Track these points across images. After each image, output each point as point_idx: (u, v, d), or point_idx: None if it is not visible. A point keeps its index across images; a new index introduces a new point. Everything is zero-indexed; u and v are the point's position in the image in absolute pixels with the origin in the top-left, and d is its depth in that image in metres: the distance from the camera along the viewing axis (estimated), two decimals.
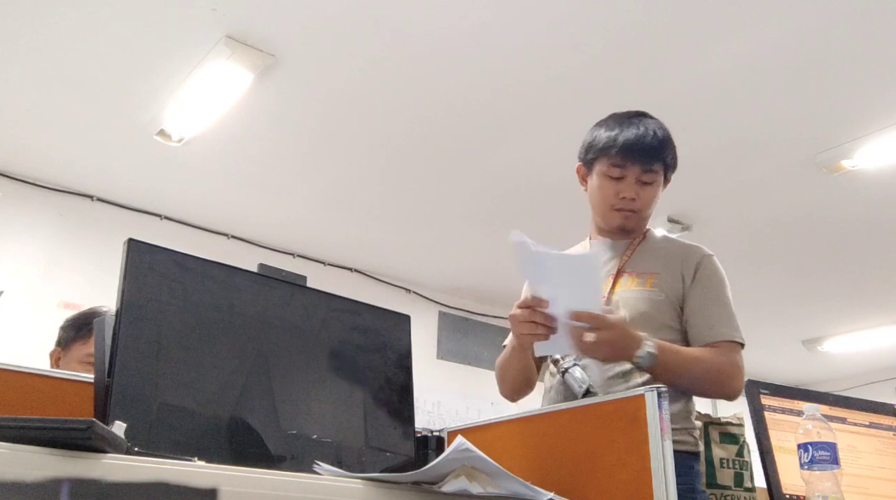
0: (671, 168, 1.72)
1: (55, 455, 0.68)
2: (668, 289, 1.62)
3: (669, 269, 1.65)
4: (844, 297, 5.39)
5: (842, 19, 2.80)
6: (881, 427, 1.78)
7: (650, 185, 1.66)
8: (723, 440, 1.61)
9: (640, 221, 1.71)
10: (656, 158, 1.65)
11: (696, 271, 1.64)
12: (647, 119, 1.70)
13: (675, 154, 1.71)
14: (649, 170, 1.65)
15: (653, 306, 1.60)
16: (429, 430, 1.54)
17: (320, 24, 2.89)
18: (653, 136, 1.64)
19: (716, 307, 1.62)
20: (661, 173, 1.68)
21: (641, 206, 1.67)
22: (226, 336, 1.09)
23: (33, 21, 2.89)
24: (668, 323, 1.60)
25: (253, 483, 0.78)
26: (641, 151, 1.63)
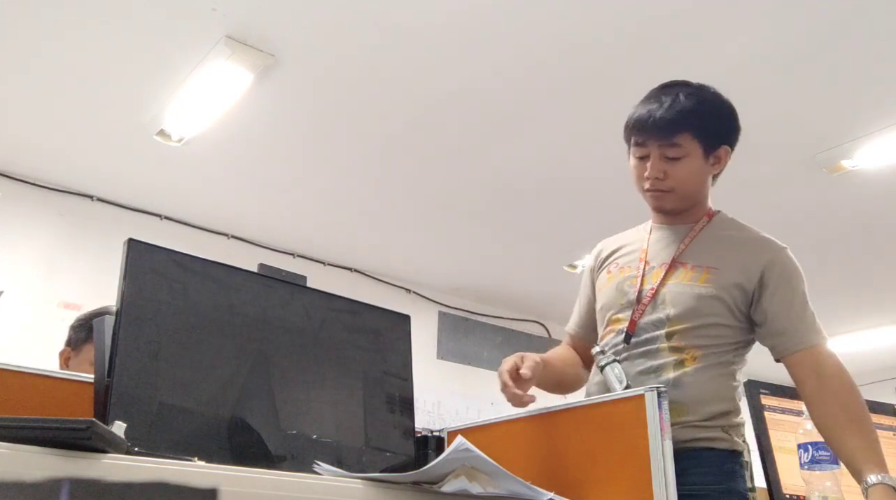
0: (713, 139, 1.55)
1: (55, 455, 0.68)
2: (725, 287, 1.50)
3: (732, 265, 1.52)
4: (844, 297, 5.38)
5: (842, 19, 2.80)
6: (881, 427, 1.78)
7: (679, 160, 1.52)
8: None
9: (678, 201, 1.57)
10: (674, 130, 1.50)
11: (767, 272, 1.50)
12: (676, 88, 1.56)
13: (717, 124, 1.56)
14: (671, 144, 1.51)
15: (702, 301, 1.49)
16: (429, 430, 1.54)
17: (320, 24, 2.89)
18: (669, 107, 1.51)
19: (797, 312, 1.49)
20: (693, 146, 1.52)
21: (674, 184, 1.54)
22: (226, 336, 1.09)
23: (33, 22, 2.89)
24: (716, 321, 1.50)
25: (253, 483, 0.78)
26: (654, 125, 1.51)
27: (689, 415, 1.44)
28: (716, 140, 1.56)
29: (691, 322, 1.49)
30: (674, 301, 1.51)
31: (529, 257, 4.88)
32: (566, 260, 4.90)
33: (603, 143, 3.63)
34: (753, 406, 1.62)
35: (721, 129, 1.58)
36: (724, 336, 1.51)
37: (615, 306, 1.59)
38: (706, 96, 1.57)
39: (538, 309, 5.95)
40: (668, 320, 1.51)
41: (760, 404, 1.68)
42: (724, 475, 1.44)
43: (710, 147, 1.56)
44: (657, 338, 1.51)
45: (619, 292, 1.59)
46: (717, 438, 1.45)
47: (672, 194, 1.56)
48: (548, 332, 6.11)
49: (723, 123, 1.59)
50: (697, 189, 1.58)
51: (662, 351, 1.50)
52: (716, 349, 1.50)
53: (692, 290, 1.51)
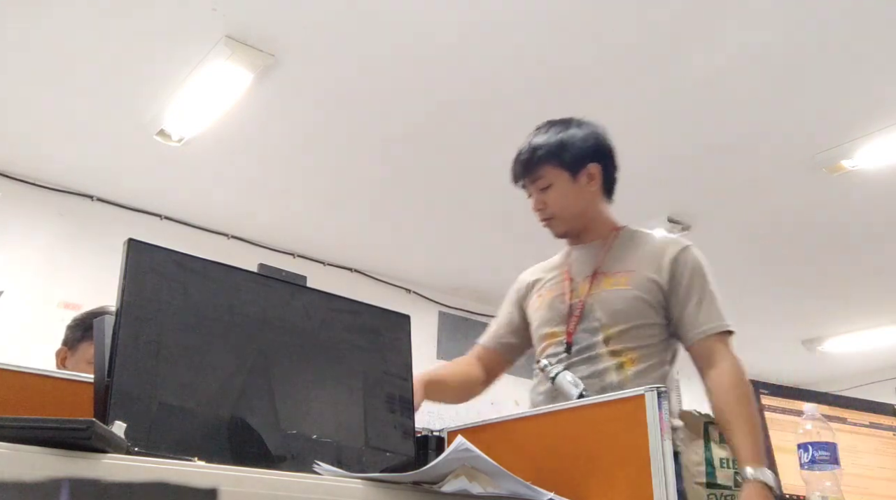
0: (574, 164, 1.72)
1: (55, 455, 0.68)
2: (642, 286, 1.65)
3: (645, 265, 1.68)
4: (844, 297, 5.38)
5: (842, 19, 2.80)
6: (881, 427, 1.78)
7: (549, 189, 1.73)
8: (723, 439, 1.60)
9: (565, 223, 1.76)
10: (535, 165, 1.72)
11: (674, 266, 1.66)
12: (537, 129, 1.78)
13: (571, 150, 1.72)
14: (537, 177, 1.73)
15: (626, 303, 1.64)
16: (429, 430, 1.53)
17: (320, 24, 2.89)
18: (527, 148, 1.74)
19: (697, 302, 1.63)
20: (557, 174, 1.72)
21: (553, 210, 1.74)
22: (226, 336, 1.09)
23: (33, 22, 2.89)
24: (643, 320, 1.64)
25: (253, 483, 0.78)
26: (519, 169, 1.75)
27: None
28: (578, 162, 1.73)
29: (622, 325, 1.63)
30: (602, 306, 1.66)
31: (529, 257, 4.86)
32: None
33: None
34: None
35: (579, 151, 1.73)
36: (653, 336, 1.64)
37: (551, 321, 1.73)
38: (559, 128, 1.75)
39: None
40: (602, 326, 1.65)
41: (760, 404, 1.68)
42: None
43: (575, 170, 1.72)
44: (595, 344, 1.64)
45: (552, 309, 1.74)
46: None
47: (556, 220, 1.75)
48: None
49: (580, 146, 1.73)
50: (580, 209, 1.75)
51: (602, 356, 1.63)
52: (648, 350, 1.63)
53: (616, 294, 1.65)
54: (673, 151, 3.72)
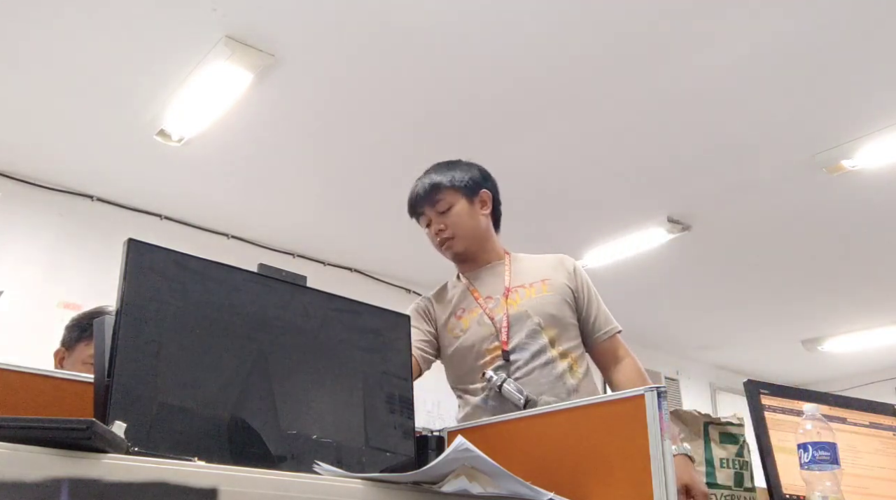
0: (469, 187, 1.90)
1: (55, 455, 0.68)
2: (561, 290, 1.84)
3: (554, 273, 1.88)
4: (844, 297, 5.39)
5: (842, 20, 2.80)
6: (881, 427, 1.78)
7: (448, 211, 1.88)
8: (723, 439, 1.60)
9: (465, 241, 1.89)
10: (436, 190, 1.89)
11: (578, 276, 1.88)
12: (426, 172, 1.97)
13: (464, 175, 1.91)
14: (435, 201, 1.89)
15: (555, 307, 1.81)
16: (429, 430, 1.53)
17: (320, 24, 2.89)
18: (424, 179, 1.93)
19: (597, 306, 1.87)
20: (455, 197, 1.88)
21: (454, 229, 1.88)
22: (226, 336, 1.09)
23: (33, 22, 2.89)
24: (570, 320, 1.83)
25: (253, 483, 0.78)
26: (420, 198, 1.92)
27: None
28: (473, 188, 1.91)
29: (557, 325, 1.79)
30: (536, 311, 1.80)
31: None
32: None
33: (603, 144, 3.63)
34: (753, 406, 1.62)
35: (472, 178, 1.92)
36: (577, 336, 1.83)
37: (486, 337, 1.82)
38: (452, 165, 1.95)
39: None
40: (543, 329, 1.78)
41: (760, 404, 1.68)
42: None
43: (471, 193, 1.90)
44: (545, 348, 1.77)
45: (482, 325, 1.83)
46: None
47: (456, 239, 1.88)
48: None
49: (471, 174, 1.93)
50: (476, 229, 1.90)
51: (556, 359, 1.77)
52: (580, 350, 1.82)
53: (543, 299, 1.82)
54: (673, 151, 3.72)
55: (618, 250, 4.66)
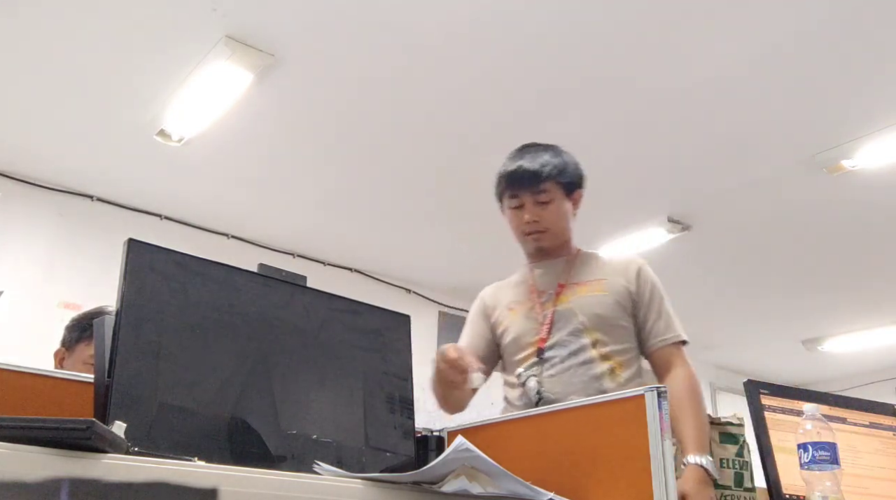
0: (570, 186, 1.85)
1: (55, 455, 0.68)
2: (616, 292, 1.78)
3: (614, 274, 1.82)
4: (844, 297, 5.39)
5: (842, 20, 2.80)
6: (881, 427, 1.78)
7: (548, 204, 1.82)
8: (723, 440, 1.60)
9: (552, 238, 1.85)
10: (541, 180, 1.80)
11: (640, 279, 1.80)
12: (534, 148, 1.90)
13: (571, 172, 1.85)
14: (540, 191, 1.81)
15: (605, 308, 1.76)
16: (429, 430, 1.54)
17: (320, 24, 2.89)
18: (535, 160, 1.84)
19: (657, 313, 1.78)
20: (557, 192, 1.82)
21: (547, 224, 1.83)
22: (226, 336, 1.09)
23: (33, 22, 2.89)
24: (620, 323, 1.76)
25: (253, 483, 0.78)
26: (524, 177, 1.82)
27: None
28: (573, 186, 1.86)
29: (604, 327, 1.74)
30: (583, 311, 1.75)
31: None
32: None
33: (602, 143, 3.63)
34: (753, 406, 1.62)
35: (575, 176, 1.87)
36: (629, 339, 1.76)
37: (529, 331, 1.80)
38: (560, 152, 1.89)
39: None
40: (586, 329, 1.74)
41: (760, 404, 1.68)
42: None
43: (570, 191, 1.86)
44: (585, 347, 1.73)
45: (529, 319, 1.81)
46: None
47: (547, 233, 1.83)
48: None
49: (575, 172, 1.88)
50: (565, 226, 1.87)
51: (596, 360, 1.72)
52: (629, 354, 1.75)
53: (594, 298, 1.77)
54: (673, 152, 3.72)
55: (617, 250, 4.66)
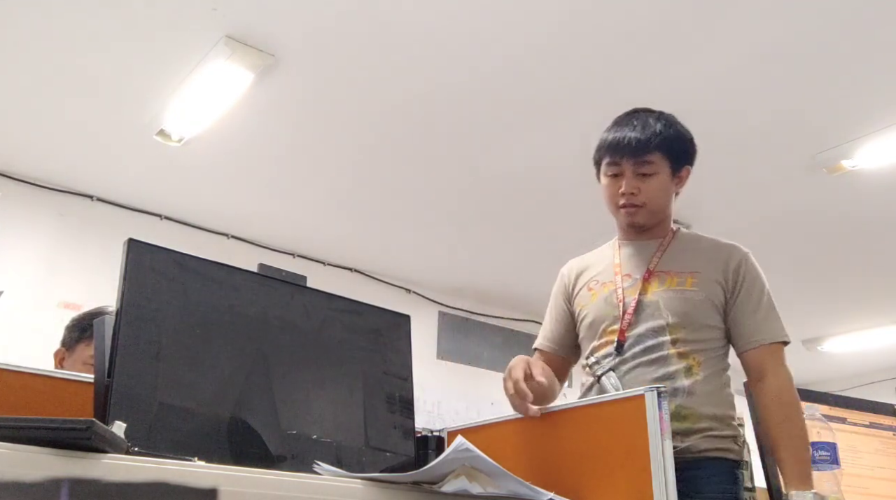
0: (679, 160, 1.67)
1: (55, 455, 0.68)
2: (709, 288, 1.60)
3: (709, 267, 1.63)
4: (844, 297, 5.39)
5: (842, 19, 2.80)
6: (881, 427, 1.78)
7: (650, 177, 1.64)
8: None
9: (649, 216, 1.67)
10: (647, 149, 1.62)
11: (738, 273, 1.62)
12: (644, 114, 1.70)
13: (682, 146, 1.68)
14: (643, 162, 1.63)
15: (693, 306, 1.59)
16: (429, 430, 1.54)
17: (320, 24, 2.89)
18: (643, 129, 1.64)
19: (754, 310, 1.61)
20: (663, 165, 1.64)
21: (646, 199, 1.64)
22: (226, 336, 1.09)
23: (33, 22, 2.89)
24: (708, 323, 1.60)
25: (253, 483, 0.78)
26: (629, 145, 1.63)
27: (703, 423, 1.50)
28: (681, 161, 1.69)
29: (689, 326, 1.57)
30: (668, 306, 1.58)
31: (529, 257, 4.88)
32: (566, 260, 4.89)
33: None
34: (753, 406, 1.62)
35: (684, 150, 1.70)
36: (716, 339, 1.60)
37: (607, 318, 1.64)
38: (671, 121, 1.70)
39: (538, 309, 5.91)
40: (669, 326, 1.57)
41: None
42: (732, 483, 1.50)
43: (677, 166, 1.68)
44: (662, 345, 1.57)
45: (608, 304, 1.65)
46: (728, 449, 1.51)
47: (644, 209, 1.65)
48: None
49: (686, 146, 1.71)
50: (665, 204, 1.69)
51: (671, 358, 1.56)
52: (713, 353, 1.59)
53: (683, 294, 1.59)
54: None
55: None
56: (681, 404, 1.50)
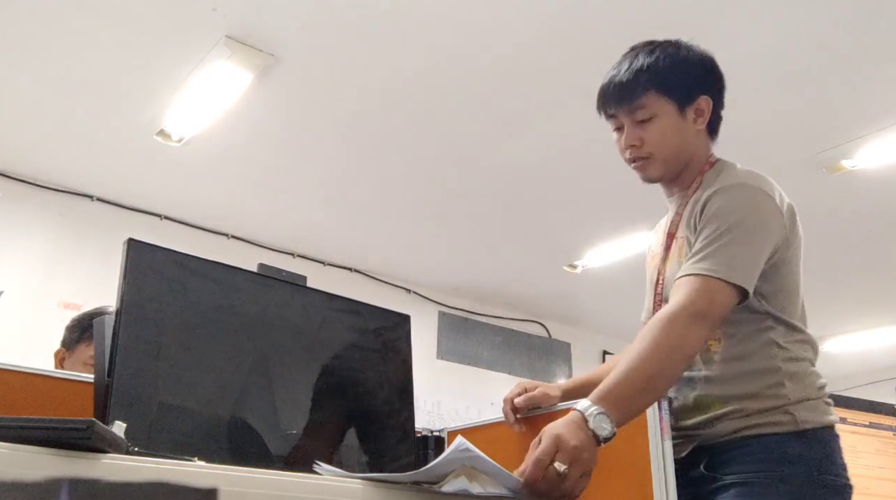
0: (683, 92, 1.39)
1: (55, 455, 0.68)
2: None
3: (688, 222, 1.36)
4: (844, 297, 5.39)
5: (842, 20, 2.80)
6: (881, 427, 1.78)
7: (649, 122, 1.38)
8: None
9: (663, 166, 1.41)
10: (635, 91, 1.38)
11: (701, 217, 1.31)
12: (637, 49, 1.45)
13: (683, 74, 1.39)
14: (635, 107, 1.38)
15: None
16: (429, 430, 1.54)
17: (320, 24, 2.89)
18: (628, 68, 1.40)
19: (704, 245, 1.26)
20: (662, 104, 1.38)
21: (651, 149, 1.39)
22: (226, 336, 1.09)
23: (33, 22, 2.89)
24: None
25: (253, 483, 0.78)
26: (616, 90, 1.40)
27: (730, 405, 1.26)
28: (689, 92, 1.40)
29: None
30: (668, 286, 1.35)
31: (529, 257, 4.88)
32: (566, 260, 4.90)
33: (603, 142, 3.63)
34: None
35: (691, 79, 1.40)
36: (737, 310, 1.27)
37: (648, 298, 1.46)
38: (667, 50, 1.41)
39: (538, 309, 5.95)
40: None
41: None
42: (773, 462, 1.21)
43: (684, 101, 1.39)
44: None
45: (650, 282, 1.46)
46: (767, 423, 1.24)
47: (652, 160, 1.40)
48: (548, 332, 6.11)
49: (692, 72, 1.40)
50: (680, 149, 1.40)
51: None
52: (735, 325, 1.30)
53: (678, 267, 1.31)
54: None
55: (618, 249, 4.66)
56: (700, 394, 1.29)
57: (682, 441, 1.28)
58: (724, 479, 1.20)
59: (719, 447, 1.24)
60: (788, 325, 1.32)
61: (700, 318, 1.17)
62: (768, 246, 1.30)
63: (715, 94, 1.44)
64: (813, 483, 1.19)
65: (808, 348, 1.34)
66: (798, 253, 1.38)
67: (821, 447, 1.24)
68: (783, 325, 1.32)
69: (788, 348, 1.30)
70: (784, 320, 1.32)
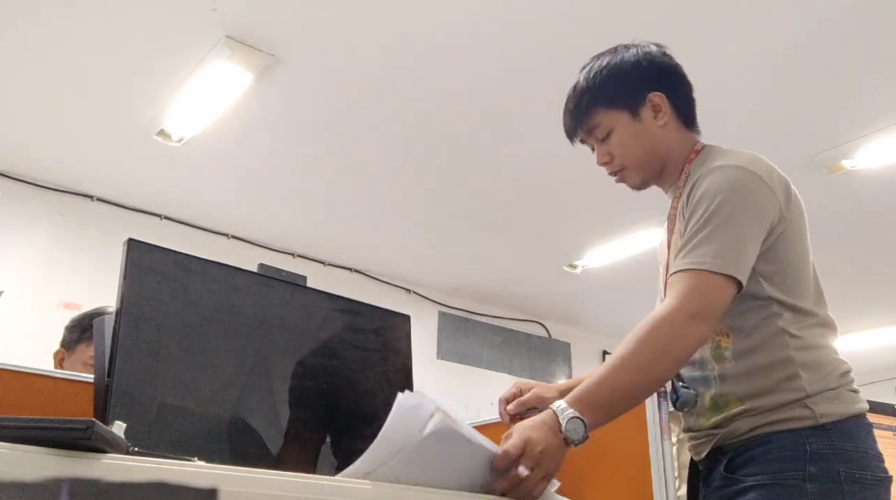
0: (627, 98, 1.39)
1: (55, 455, 0.68)
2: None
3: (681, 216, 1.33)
4: (844, 297, 5.38)
5: (842, 19, 2.80)
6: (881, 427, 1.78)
7: (610, 136, 1.40)
8: None
9: (640, 172, 1.42)
10: (584, 114, 1.41)
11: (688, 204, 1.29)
12: (580, 72, 1.48)
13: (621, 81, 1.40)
14: (592, 127, 1.41)
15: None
16: None
17: (320, 24, 2.89)
18: (572, 94, 1.45)
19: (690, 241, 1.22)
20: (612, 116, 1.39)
21: (621, 161, 1.40)
22: (226, 336, 1.09)
23: (34, 23, 2.89)
24: None
25: (253, 483, 0.78)
26: (569, 120, 1.45)
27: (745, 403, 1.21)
28: (633, 95, 1.40)
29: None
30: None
31: (529, 257, 4.88)
32: (566, 260, 4.90)
33: None
34: None
35: (631, 82, 1.40)
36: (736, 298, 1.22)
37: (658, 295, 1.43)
38: (602, 62, 1.44)
39: (538, 309, 5.95)
40: None
41: None
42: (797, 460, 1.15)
43: (633, 105, 1.39)
44: None
45: (659, 278, 1.44)
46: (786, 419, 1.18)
47: (627, 171, 1.42)
48: (548, 332, 6.11)
49: (630, 76, 1.40)
50: (649, 152, 1.41)
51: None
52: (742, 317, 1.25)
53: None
54: None
55: (618, 249, 4.67)
56: (716, 393, 1.24)
57: (702, 442, 1.24)
58: (744, 481, 1.15)
59: (737, 447, 1.20)
60: (797, 309, 1.28)
61: (697, 317, 1.13)
62: (758, 226, 1.26)
63: (665, 85, 1.44)
64: (842, 481, 1.13)
65: (823, 333, 1.29)
66: (799, 230, 1.35)
67: (847, 439, 1.17)
68: (791, 310, 1.27)
69: (800, 335, 1.25)
70: (791, 304, 1.27)
